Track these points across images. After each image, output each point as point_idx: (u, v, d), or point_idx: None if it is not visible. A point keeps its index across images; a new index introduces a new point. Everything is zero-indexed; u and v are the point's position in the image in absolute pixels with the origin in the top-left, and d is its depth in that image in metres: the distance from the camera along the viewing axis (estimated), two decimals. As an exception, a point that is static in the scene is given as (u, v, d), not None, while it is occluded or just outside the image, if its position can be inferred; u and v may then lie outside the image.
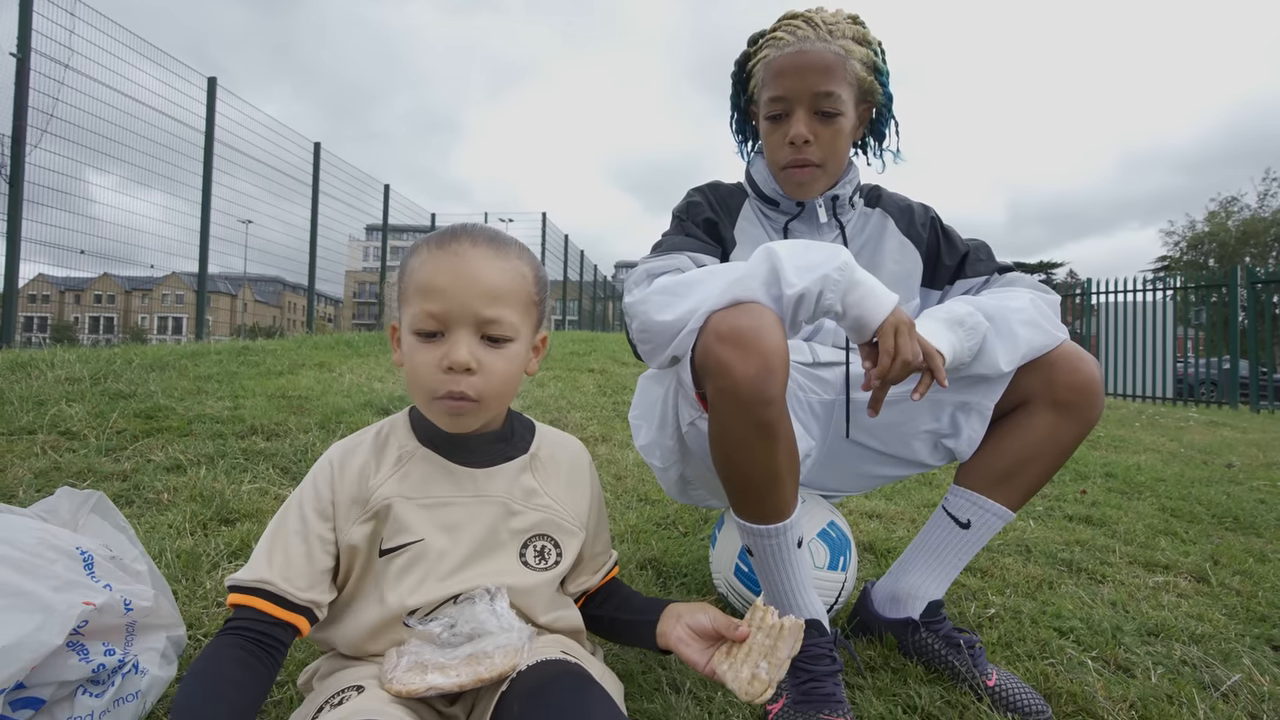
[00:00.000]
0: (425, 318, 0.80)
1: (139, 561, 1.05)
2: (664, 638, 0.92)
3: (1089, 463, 3.36)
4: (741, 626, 0.86)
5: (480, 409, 0.84)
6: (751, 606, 0.90)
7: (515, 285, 0.84)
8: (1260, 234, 30.76)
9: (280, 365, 3.85)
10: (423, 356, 0.81)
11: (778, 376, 0.96)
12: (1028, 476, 1.21)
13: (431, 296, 0.80)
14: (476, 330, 0.81)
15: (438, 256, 0.82)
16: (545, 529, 0.91)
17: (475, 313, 0.80)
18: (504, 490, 0.89)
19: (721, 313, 1.00)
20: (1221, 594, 1.72)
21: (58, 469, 2.00)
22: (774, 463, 1.02)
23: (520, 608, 0.86)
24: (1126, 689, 1.19)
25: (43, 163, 5.41)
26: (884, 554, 1.87)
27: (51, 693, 0.85)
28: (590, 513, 0.98)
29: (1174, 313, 10.50)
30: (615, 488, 2.37)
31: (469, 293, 0.80)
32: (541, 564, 0.90)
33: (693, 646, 0.89)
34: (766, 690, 0.82)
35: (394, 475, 0.86)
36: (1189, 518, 2.48)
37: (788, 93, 1.22)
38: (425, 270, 0.82)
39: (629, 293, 1.14)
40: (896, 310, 1.03)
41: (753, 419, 0.98)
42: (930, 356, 1.04)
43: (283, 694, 1.05)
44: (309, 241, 9.69)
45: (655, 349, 1.09)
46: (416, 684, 0.74)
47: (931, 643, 1.23)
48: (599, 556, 1.02)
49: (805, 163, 1.25)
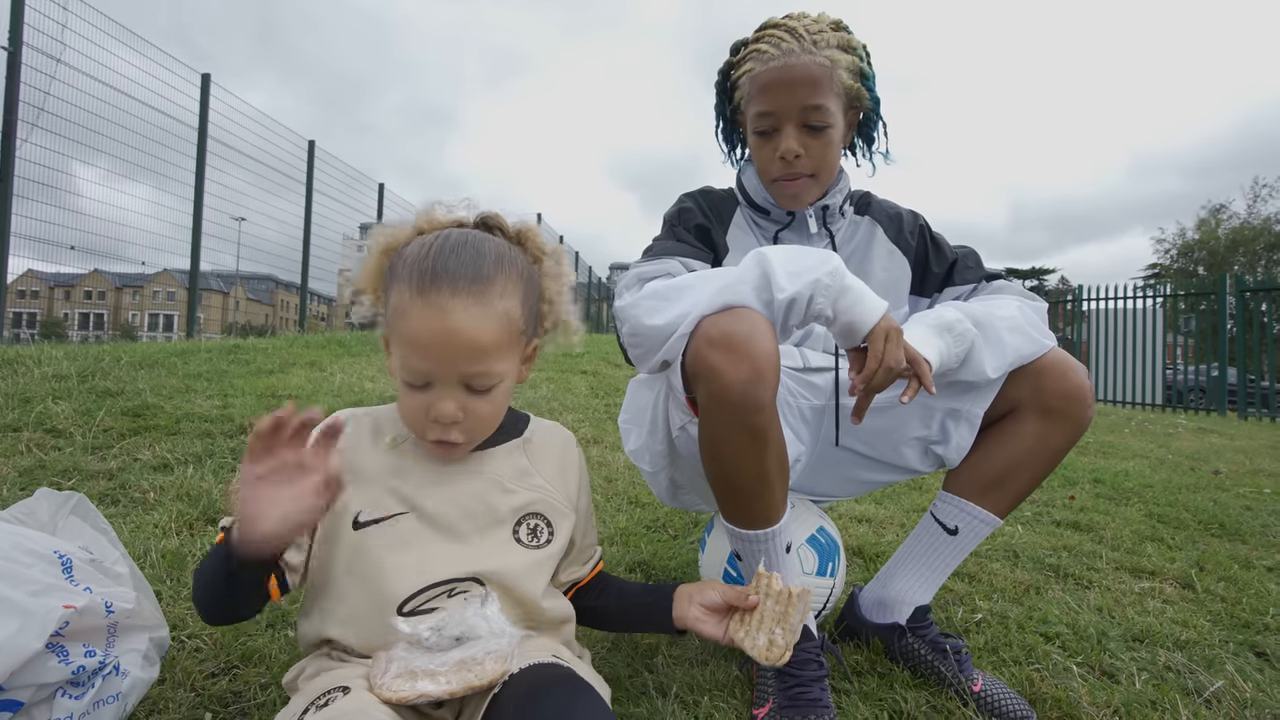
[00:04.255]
0: (410, 373, 0.81)
1: (120, 563, 1.03)
2: (680, 620, 0.97)
3: (1077, 468, 3.38)
4: (750, 595, 0.92)
5: (467, 446, 0.88)
6: (755, 574, 0.95)
7: (499, 333, 0.82)
8: (1249, 242, 31.06)
9: (271, 364, 3.83)
10: (411, 401, 0.83)
11: (768, 382, 0.96)
12: (1016, 484, 1.22)
13: (415, 352, 0.80)
14: (461, 384, 0.82)
15: (419, 308, 0.79)
16: (538, 508, 0.92)
17: (459, 371, 0.81)
18: (496, 470, 0.91)
19: (712, 317, 1.00)
20: (1206, 600, 1.74)
21: (43, 467, 1.98)
22: (764, 468, 1.02)
23: (518, 591, 0.87)
24: (1111, 694, 1.20)
25: (33, 157, 5.37)
26: (873, 559, 1.87)
27: (30, 695, 0.84)
28: (580, 497, 1.00)
29: (1164, 320, 10.59)
30: (606, 490, 2.37)
31: (453, 353, 0.79)
32: (534, 541, 0.91)
33: (708, 622, 0.95)
34: (785, 654, 0.89)
35: (387, 452, 0.88)
36: (1176, 524, 2.50)
37: (775, 108, 1.21)
38: (409, 320, 0.80)
39: (620, 296, 1.14)
40: (886, 316, 1.04)
41: (743, 424, 0.98)
42: (916, 363, 1.04)
43: (267, 696, 1.05)
44: (302, 240, 9.64)
45: (645, 353, 1.09)
46: (406, 691, 0.74)
47: (918, 648, 1.23)
48: (588, 548, 1.03)
49: (797, 176, 1.25)
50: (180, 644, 1.16)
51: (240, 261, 9.53)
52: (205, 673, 1.10)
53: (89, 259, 6.43)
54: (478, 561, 0.85)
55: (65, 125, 5.70)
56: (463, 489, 0.88)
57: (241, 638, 1.19)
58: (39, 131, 5.39)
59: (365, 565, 0.83)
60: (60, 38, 5.58)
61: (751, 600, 0.92)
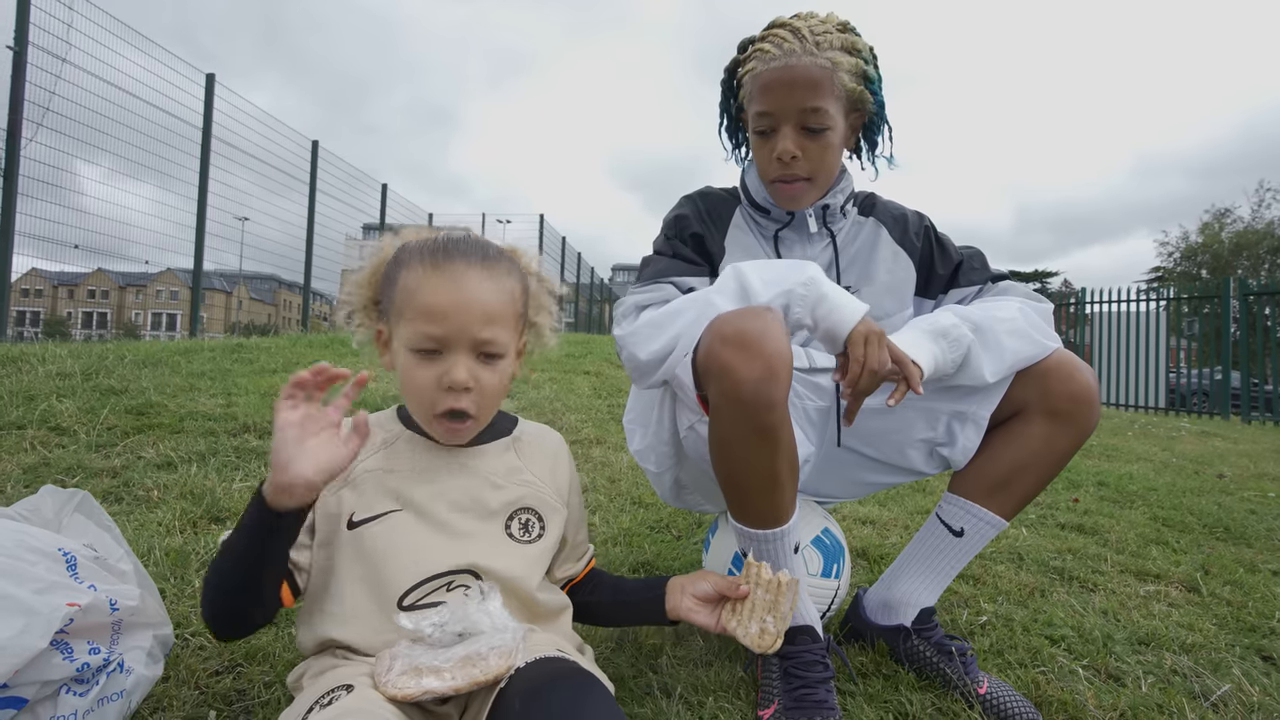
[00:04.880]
0: (424, 339, 0.85)
1: (124, 561, 1.03)
2: (673, 611, 1.00)
3: (1081, 471, 3.37)
4: (741, 585, 0.93)
5: (475, 424, 0.90)
6: (745, 563, 0.96)
7: (507, 305, 0.89)
8: (1253, 246, 30.99)
9: (274, 363, 3.83)
10: (421, 374, 0.85)
11: (781, 380, 0.96)
12: (1022, 486, 1.21)
13: (431, 320, 0.84)
14: (473, 350, 0.86)
15: (434, 279, 0.85)
16: (529, 502, 0.94)
17: (472, 336, 0.85)
18: (487, 467, 0.93)
19: (726, 315, 1.01)
20: (1212, 604, 1.73)
21: (47, 465, 1.99)
22: (774, 467, 1.02)
23: (513, 584, 0.88)
24: (1117, 698, 1.19)
25: (38, 156, 5.38)
26: (877, 560, 1.87)
27: (34, 692, 0.84)
28: (571, 493, 1.02)
29: (1167, 323, 10.56)
30: (609, 490, 2.37)
31: (467, 317, 0.84)
32: (526, 536, 0.93)
33: (701, 612, 0.98)
34: (776, 641, 0.91)
35: (379, 453, 0.91)
36: (1180, 527, 2.49)
37: (773, 109, 1.21)
38: (423, 292, 0.85)
39: (618, 324, 1.18)
40: (865, 320, 1.04)
41: (754, 423, 0.98)
42: (903, 364, 1.04)
43: (271, 694, 1.05)
44: (305, 240, 9.66)
45: (642, 378, 1.12)
46: (411, 688, 0.73)
47: (923, 650, 1.23)
48: (580, 545, 1.06)
49: (794, 178, 1.25)
50: (184, 642, 1.16)
51: (243, 261, 9.53)
52: (209, 671, 1.10)
53: (93, 258, 6.45)
54: (471, 555, 0.87)
55: (70, 124, 5.71)
56: (453, 485, 0.90)
57: (245, 636, 1.19)
58: (44, 130, 5.41)
59: (362, 562, 0.85)
60: (66, 37, 5.60)
61: (742, 590, 0.94)
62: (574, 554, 1.05)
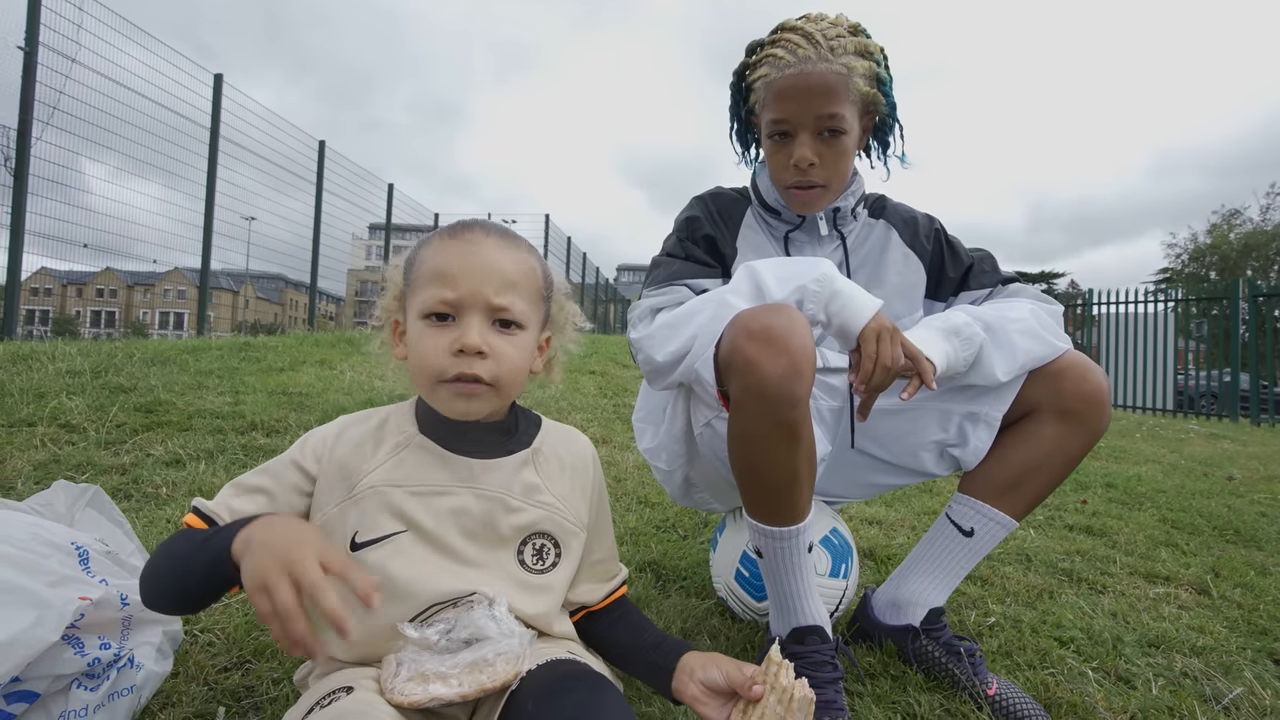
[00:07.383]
0: (437, 302, 0.81)
1: (135, 556, 1.04)
2: (679, 694, 0.89)
3: (1090, 473, 3.36)
4: (756, 686, 0.82)
5: (490, 394, 0.83)
6: (766, 659, 0.86)
7: (526, 275, 0.86)
8: (1262, 247, 30.78)
9: (281, 362, 3.85)
10: (432, 340, 0.81)
11: (805, 377, 0.96)
12: (1033, 486, 1.21)
13: (444, 282, 0.81)
14: (488, 316, 0.82)
15: (450, 245, 0.84)
16: (545, 526, 0.88)
17: (487, 299, 0.81)
18: (502, 485, 0.86)
19: (751, 310, 1.01)
20: (1223, 606, 1.72)
21: (57, 461, 2.00)
22: (795, 464, 1.02)
23: (524, 617, 0.83)
24: (1127, 700, 1.18)
25: (47, 155, 5.42)
26: (884, 560, 1.86)
27: (46, 686, 0.85)
28: (591, 513, 0.95)
29: (1175, 325, 10.50)
30: (615, 490, 2.37)
31: (482, 278, 0.81)
32: (539, 564, 0.87)
33: (709, 705, 0.87)
34: None
35: (388, 462, 0.84)
36: (1190, 529, 2.48)
37: (790, 116, 1.21)
38: (438, 258, 0.83)
39: (633, 328, 1.18)
40: (878, 316, 1.04)
41: (777, 419, 0.97)
42: (917, 360, 1.04)
43: (280, 691, 1.05)
44: (312, 239, 9.69)
45: (659, 380, 1.12)
46: (418, 695, 0.72)
47: (932, 650, 1.22)
48: (601, 564, 0.97)
49: (810, 184, 1.24)
50: (193, 638, 1.17)
51: (250, 260, 9.57)
52: (218, 667, 1.11)
53: (101, 257, 6.48)
54: (479, 584, 0.82)
55: (78, 124, 5.75)
56: (464, 504, 0.83)
57: (254, 632, 1.19)
58: (53, 130, 5.44)
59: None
60: (75, 37, 5.63)
61: (756, 691, 0.82)
62: (591, 575, 0.96)
